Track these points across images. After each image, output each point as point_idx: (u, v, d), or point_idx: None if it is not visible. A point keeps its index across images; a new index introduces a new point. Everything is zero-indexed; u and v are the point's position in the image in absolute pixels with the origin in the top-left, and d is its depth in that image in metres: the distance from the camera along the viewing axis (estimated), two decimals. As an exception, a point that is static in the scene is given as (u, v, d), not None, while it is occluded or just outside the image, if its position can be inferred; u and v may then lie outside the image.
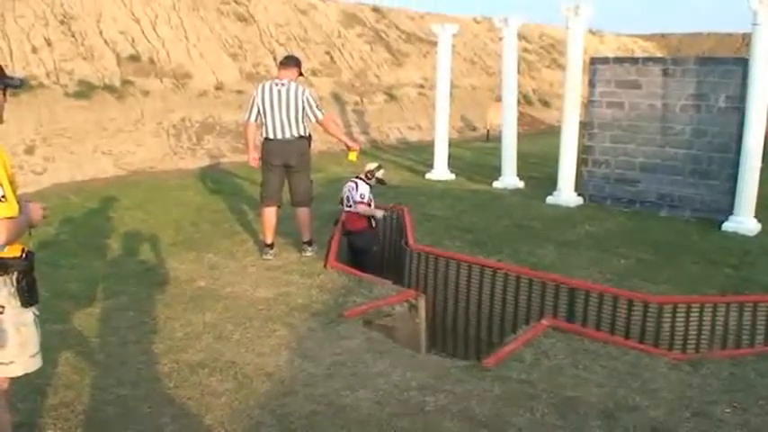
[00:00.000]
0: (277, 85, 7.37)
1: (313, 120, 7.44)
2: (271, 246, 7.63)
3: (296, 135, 7.36)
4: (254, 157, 7.57)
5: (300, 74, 7.60)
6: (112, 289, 6.54)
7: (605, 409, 4.39)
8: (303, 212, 7.66)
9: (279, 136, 7.34)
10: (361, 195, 7.95)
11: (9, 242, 3.06)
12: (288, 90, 7.31)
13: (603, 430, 4.14)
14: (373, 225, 8.05)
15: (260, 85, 7.57)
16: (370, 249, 8.10)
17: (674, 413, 4.37)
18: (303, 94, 7.35)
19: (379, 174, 8.35)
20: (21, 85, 3.48)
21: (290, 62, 7.63)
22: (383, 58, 21.01)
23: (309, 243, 7.74)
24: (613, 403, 4.48)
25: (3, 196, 2.96)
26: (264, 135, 7.43)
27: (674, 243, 8.63)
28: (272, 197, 7.55)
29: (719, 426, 4.23)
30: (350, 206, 7.98)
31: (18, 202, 3.07)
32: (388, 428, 4.09)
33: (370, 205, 8.00)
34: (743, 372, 5.07)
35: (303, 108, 7.32)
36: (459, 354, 7.03)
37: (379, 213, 8.12)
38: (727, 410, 4.42)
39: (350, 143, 7.90)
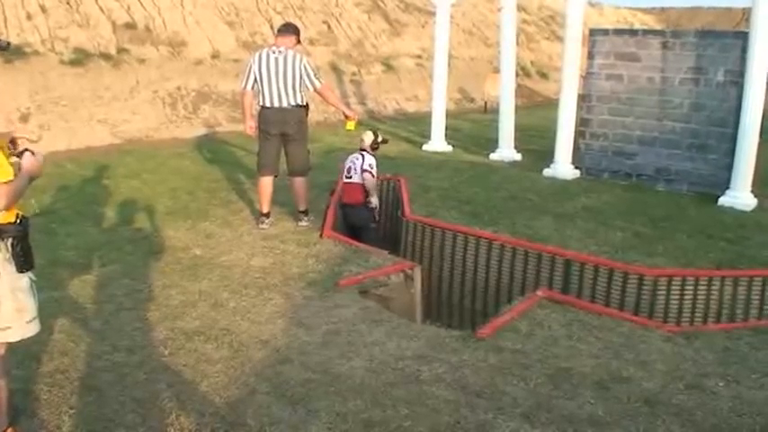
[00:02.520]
0: (274, 52, 7.29)
1: (311, 88, 7.38)
2: (267, 215, 7.60)
3: (293, 104, 7.29)
4: (250, 126, 7.50)
5: (298, 42, 7.52)
6: (108, 257, 6.54)
7: (599, 380, 4.41)
8: (299, 182, 7.61)
9: (276, 104, 7.27)
10: (369, 165, 7.74)
11: (9, 206, 3.08)
12: (285, 58, 7.24)
13: (597, 401, 4.16)
14: (369, 205, 7.85)
15: (257, 53, 7.49)
16: (367, 226, 7.84)
17: (668, 385, 4.39)
18: (300, 62, 7.28)
19: (380, 138, 8.21)
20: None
21: (288, 30, 7.54)
22: (381, 27, 20.85)
23: (305, 213, 7.71)
24: (607, 374, 4.50)
25: None
26: (261, 103, 7.37)
27: (670, 217, 8.64)
28: (269, 166, 7.51)
29: (712, 398, 4.25)
30: (350, 177, 7.86)
31: (12, 165, 3.07)
32: (382, 397, 4.11)
33: (374, 177, 7.88)
34: (736, 345, 5.09)
35: (300, 76, 7.25)
36: (454, 324, 7.03)
37: (375, 201, 7.88)
38: (721, 383, 4.44)
39: (348, 112, 7.86)
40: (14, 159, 3.24)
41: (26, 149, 3.31)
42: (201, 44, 15.55)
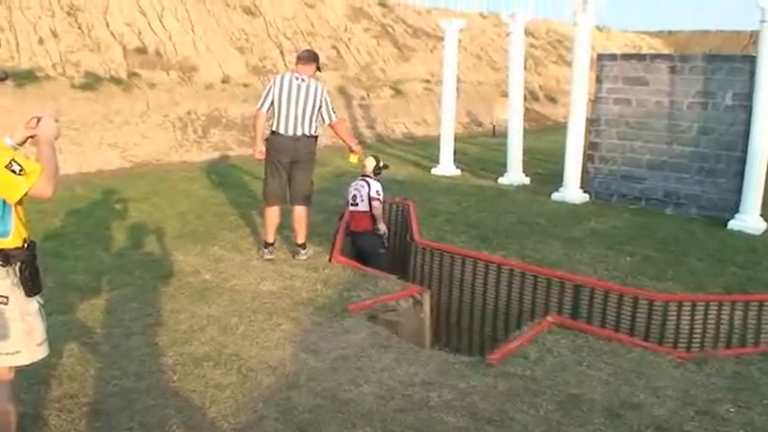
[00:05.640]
0: (297, 79, 7.16)
1: (326, 121, 7.29)
2: (272, 244, 7.48)
3: (307, 133, 7.15)
4: (260, 150, 7.28)
5: (318, 69, 7.43)
6: (117, 280, 6.54)
7: (609, 407, 4.38)
8: (300, 212, 7.36)
9: (290, 132, 7.10)
10: (377, 192, 7.77)
11: (55, 187, 3.15)
12: (308, 86, 7.13)
13: (607, 428, 4.14)
14: (378, 232, 7.85)
15: (278, 76, 7.39)
16: (376, 252, 7.81)
17: (679, 411, 4.36)
18: (322, 93, 7.20)
19: (381, 164, 8.21)
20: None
21: (309, 58, 7.39)
22: (390, 52, 20.97)
23: (303, 246, 7.44)
24: (618, 401, 4.47)
25: (21, 170, 3.04)
26: (274, 128, 7.19)
27: (679, 241, 8.61)
28: (277, 195, 7.33)
29: (724, 424, 4.22)
30: (356, 204, 7.86)
31: (37, 160, 3.15)
32: (391, 423, 4.09)
33: (382, 204, 7.88)
34: (747, 371, 5.06)
35: (320, 107, 7.16)
36: (464, 350, 7.01)
37: (384, 228, 7.88)
38: (732, 409, 4.41)
39: (354, 147, 7.63)
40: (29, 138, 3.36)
41: (36, 118, 3.36)
42: (212, 69, 15.67)
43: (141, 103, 13.78)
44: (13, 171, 3.02)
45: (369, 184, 7.82)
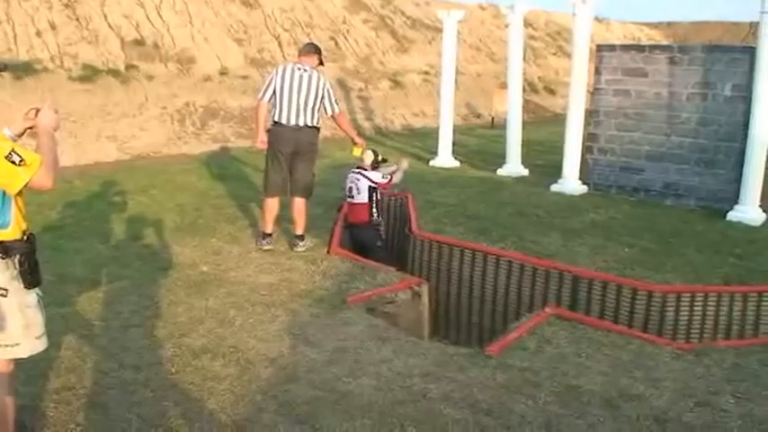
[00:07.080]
0: (300, 69, 7.16)
1: (329, 112, 7.29)
2: (270, 235, 7.48)
3: (309, 124, 7.14)
4: (262, 140, 7.27)
5: (321, 62, 7.40)
6: (115, 273, 6.53)
7: (608, 398, 4.38)
8: (300, 204, 7.37)
9: (292, 122, 7.09)
10: (383, 177, 7.87)
11: (55, 178, 3.16)
12: (310, 77, 7.12)
13: (606, 419, 4.13)
14: (374, 218, 7.86)
15: (281, 66, 7.37)
16: (374, 246, 7.82)
17: (678, 403, 4.36)
18: (325, 84, 7.20)
19: (380, 158, 8.22)
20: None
21: (311, 49, 7.40)
22: (388, 44, 20.92)
23: (302, 238, 7.44)
24: (616, 392, 4.47)
25: (21, 161, 3.03)
26: (276, 119, 7.17)
27: (678, 232, 8.60)
28: (277, 186, 7.32)
29: (723, 416, 4.21)
30: (352, 197, 7.86)
31: (35, 151, 3.15)
32: (390, 415, 4.08)
33: (391, 181, 8.00)
34: (746, 362, 5.06)
35: (322, 98, 7.15)
36: (462, 341, 7.01)
37: (399, 176, 8.16)
38: (731, 400, 4.41)
39: (357, 140, 7.70)
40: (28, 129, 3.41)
41: (35, 110, 3.41)
42: (210, 61, 15.62)
43: (139, 95, 13.74)
44: (13, 162, 3.00)
45: (366, 176, 7.82)
